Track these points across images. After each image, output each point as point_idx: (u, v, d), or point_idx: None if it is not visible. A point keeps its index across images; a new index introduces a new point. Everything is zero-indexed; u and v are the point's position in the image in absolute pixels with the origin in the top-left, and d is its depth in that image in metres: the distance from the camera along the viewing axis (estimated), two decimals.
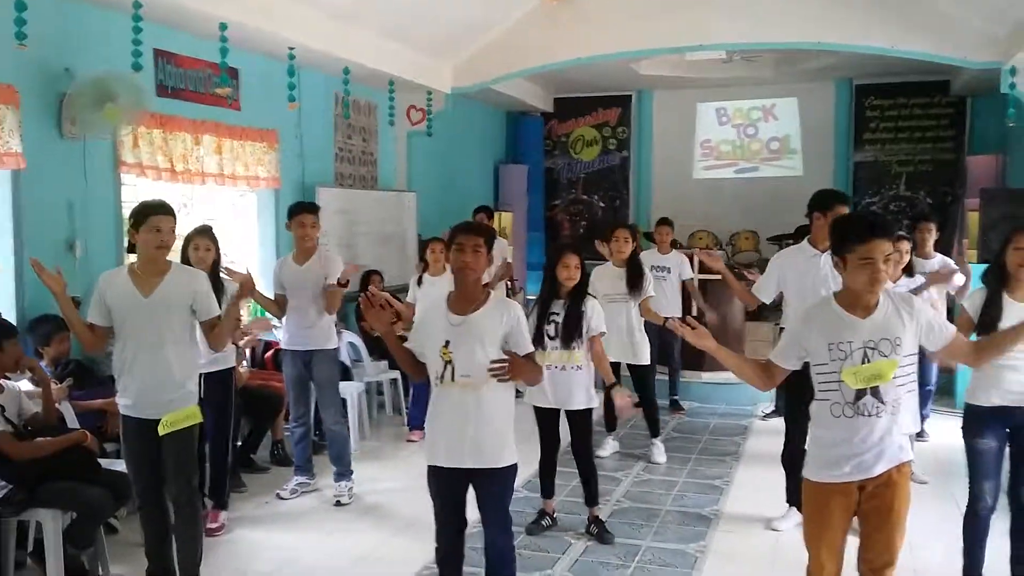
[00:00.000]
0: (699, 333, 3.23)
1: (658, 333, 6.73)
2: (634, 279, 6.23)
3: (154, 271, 3.89)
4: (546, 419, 5.00)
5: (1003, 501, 4.00)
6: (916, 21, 7.87)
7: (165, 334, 3.88)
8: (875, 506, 3.12)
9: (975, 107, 11.00)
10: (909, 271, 5.96)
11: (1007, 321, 3.73)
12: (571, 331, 4.86)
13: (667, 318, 5.95)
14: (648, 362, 6.46)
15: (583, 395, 4.94)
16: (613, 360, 6.38)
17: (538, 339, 4.66)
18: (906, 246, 5.93)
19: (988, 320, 3.80)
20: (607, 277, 6.33)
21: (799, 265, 4.90)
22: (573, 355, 4.88)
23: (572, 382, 4.89)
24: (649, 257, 7.67)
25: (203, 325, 4.01)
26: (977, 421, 3.91)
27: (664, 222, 7.99)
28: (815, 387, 3.20)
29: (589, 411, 5.00)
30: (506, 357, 3.40)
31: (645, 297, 6.22)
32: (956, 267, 6.14)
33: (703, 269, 8.06)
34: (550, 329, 4.83)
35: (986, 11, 7.46)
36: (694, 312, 7.75)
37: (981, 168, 10.30)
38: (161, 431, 3.85)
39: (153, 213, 3.85)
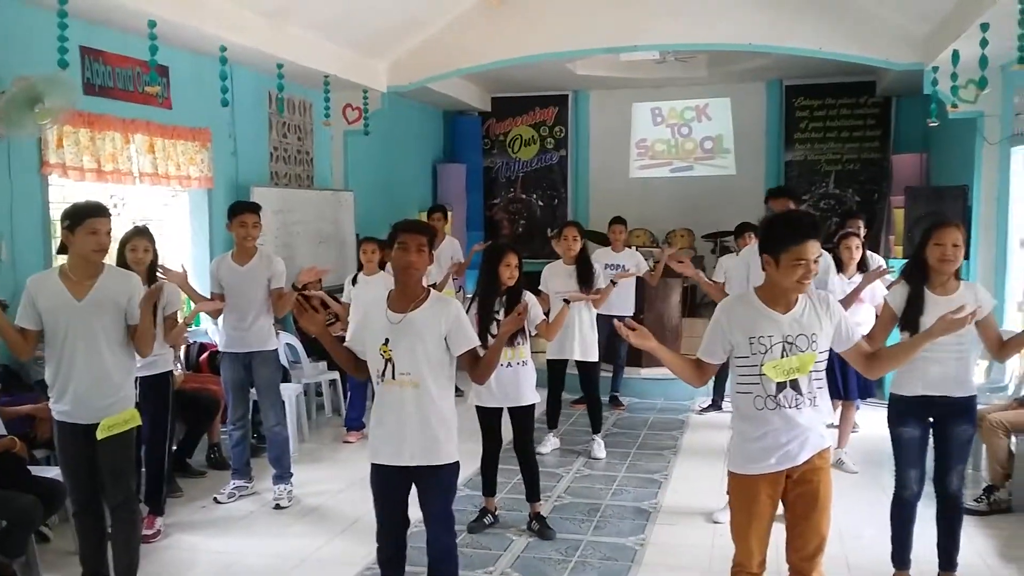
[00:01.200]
0: (640, 334, 3.26)
1: (607, 330, 6.79)
2: (585, 276, 6.34)
3: (87, 274, 3.81)
4: (490, 418, 5.03)
5: (929, 488, 4.14)
6: (842, 24, 8.09)
7: (100, 338, 3.80)
8: (801, 493, 3.21)
9: (900, 107, 11.34)
10: (862, 267, 6.10)
11: (929, 316, 3.80)
12: None
13: (618, 317, 6.04)
14: (596, 359, 6.56)
15: (531, 390, 5.00)
16: (560, 357, 6.48)
17: (484, 339, 4.67)
18: (856, 242, 6.09)
19: (911, 316, 3.90)
20: (559, 276, 6.42)
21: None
22: (519, 351, 4.92)
23: (520, 378, 4.94)
24: (603, 256, 7.80)
25: (130, 329, 3.92)
26: (901, 410, 4.04)
27: (618, 221, 8.08)
28: (735, 380, 3.27)
29: (533, 407, 5.06)
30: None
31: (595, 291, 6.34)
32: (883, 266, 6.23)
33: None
34: (494, 328, 4.84)
35: (908, 14, 7.69)
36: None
37: (906, 166, 10.62)
38: (100, 435, 3.78)
39: (90, 215, 3.77)
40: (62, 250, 3.88)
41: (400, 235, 3.47)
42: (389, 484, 3.54)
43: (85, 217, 3.76)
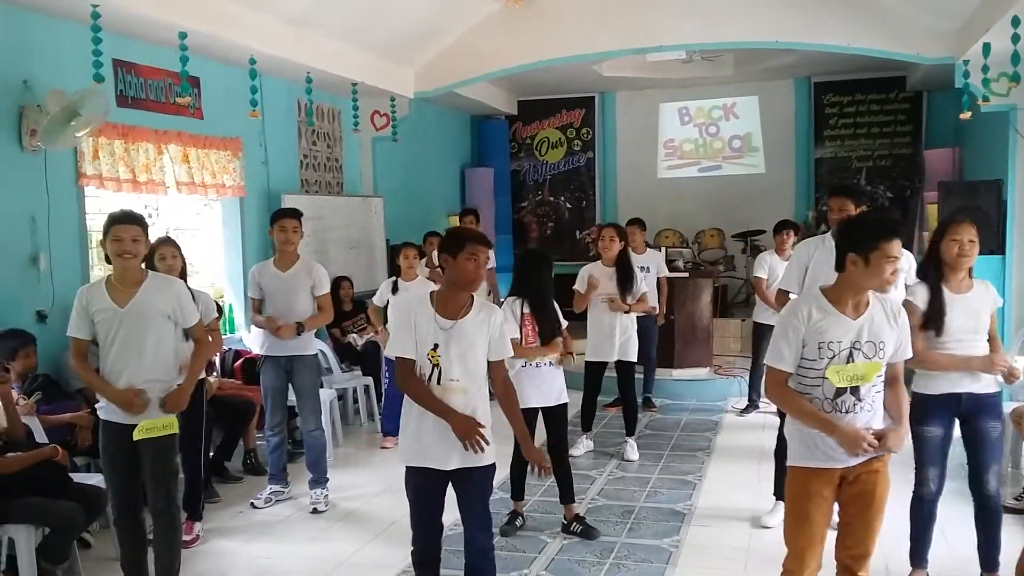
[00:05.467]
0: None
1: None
2: (624, 278, 6.32)
3: (128, 281, 3.88)
4: (527, 420, 5.04)
5: (966, 489, 4.07)
6: (870, 19, 8.00)
7: (143, 344, 3.87)
8: (857, 492, 3.18)
9: (931, 102, 11.19)
10: None
11: (951, 315, 3.82)
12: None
13: (640, 317, 6.05)
14: (635, 359, 6.55)
15: (564, 391, 5.12)
16: (599, 360, 6.45)
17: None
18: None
19: (934, 316, 3.85)
20: (599, 277, 6.39)
21: (822, 256, 4.92)
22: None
23: (555, 378, 5.07)
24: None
25: (188, 332, 4.06)
26: (923, 409, 3.96)
27: (633, 222, 8.06)
28: (797, 378, 3.20)
29: (566, 407, 5.13)
30: None
31: (641, 294, 6.40)
32: None
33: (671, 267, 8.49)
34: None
35: (937, 8, 7.60)
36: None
37: (938, 161, 10.47)
38: (136, 436, 3.85)
39: (113, 223, 3.86)
40: (109, 259, 3.98)
41: (472, 245, 3.49)
42: (426, 487, 3.57)
43: (110, 225, 3.87)
